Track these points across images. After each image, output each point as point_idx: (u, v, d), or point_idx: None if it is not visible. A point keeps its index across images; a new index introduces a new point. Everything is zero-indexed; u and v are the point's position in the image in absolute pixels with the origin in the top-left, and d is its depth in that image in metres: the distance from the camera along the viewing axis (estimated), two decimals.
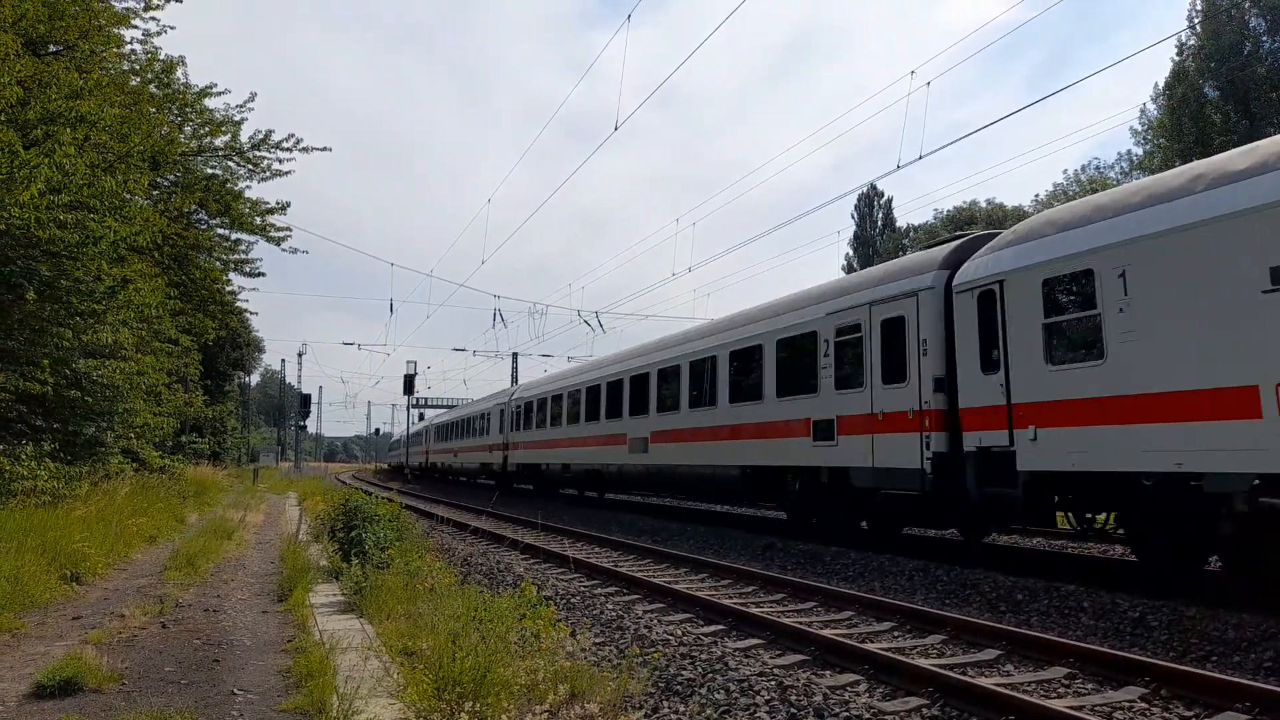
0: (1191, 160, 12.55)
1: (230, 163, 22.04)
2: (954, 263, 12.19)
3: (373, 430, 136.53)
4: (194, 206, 21.35)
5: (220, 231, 23.91)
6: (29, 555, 9.13)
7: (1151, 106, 41.14)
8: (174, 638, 7.26)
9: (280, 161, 22.18)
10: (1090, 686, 6.41)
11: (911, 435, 12.21)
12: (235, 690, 5.64)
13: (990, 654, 7.31)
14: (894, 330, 12.83)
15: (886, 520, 14.26)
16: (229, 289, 27.34)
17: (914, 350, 12.39)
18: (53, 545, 9.91)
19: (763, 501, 20.32)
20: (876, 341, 13.12)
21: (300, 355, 74.23)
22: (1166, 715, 5.78)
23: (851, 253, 64.37)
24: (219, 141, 21.47)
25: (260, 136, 21.75)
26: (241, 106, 21.33)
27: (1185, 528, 9.31)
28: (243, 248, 24.89)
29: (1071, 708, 5.74)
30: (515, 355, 60.88)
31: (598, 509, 25.28)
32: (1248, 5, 34.95)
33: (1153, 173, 33.22)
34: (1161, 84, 38.78)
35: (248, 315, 34.27)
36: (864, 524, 14.58)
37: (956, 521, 13.33)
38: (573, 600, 9.63)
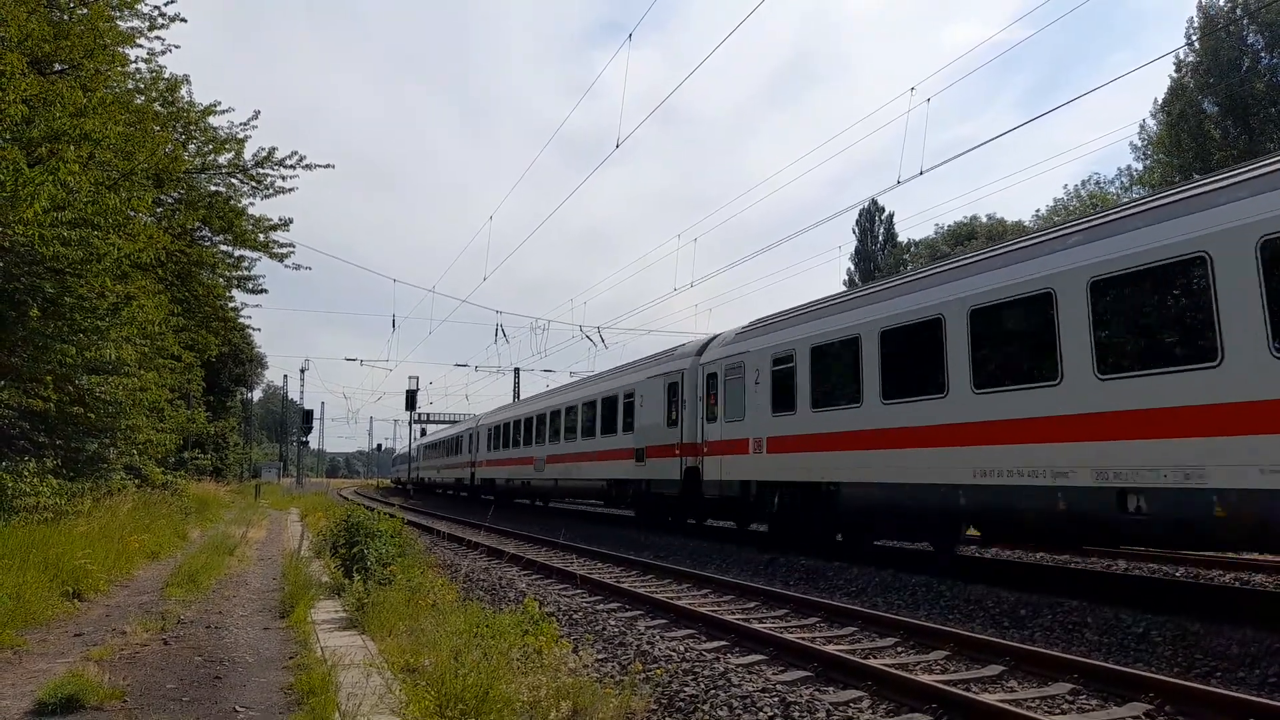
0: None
1: (234, 180, 22.13)
2: None
3: (375, 446, 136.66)
4: (197, 223, 21.43)
5: (223, 248, 23.96)
6: (31, 572, 9.12)
7: (1151, 122, 41.33)
8: (176, 655, 7.24)
9: (283, 179, 22.27)
10: (1094, 703, 6.38)
11: None
12: (237, 707, 5.62)
13: (994, 670, 7.29)
14: None
15: None
16: (232, 305, 27.43)
17: None
18: (55, 562, 9.90)
19: None
20: None
21: (303, 371, 74.50)
22: None
23: (853, 268, 64.49)
24: (222, 159, 21.57)
25: (264, 154, 21.86)
26: (245, 124, 21.45)
27: None
28: (246, 264, 24.95)
29: None
30: (517, 370, 60.88)
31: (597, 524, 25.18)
32: (1246, 21, 35.14)
33: (1153, 187, 33.37)
34: (1160, 100, 38.99)
35: (250, 331, 34.34)
36: None
37: None
38: (575, 616, 9.61)
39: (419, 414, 68.46)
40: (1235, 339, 8.33)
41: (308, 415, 71.22)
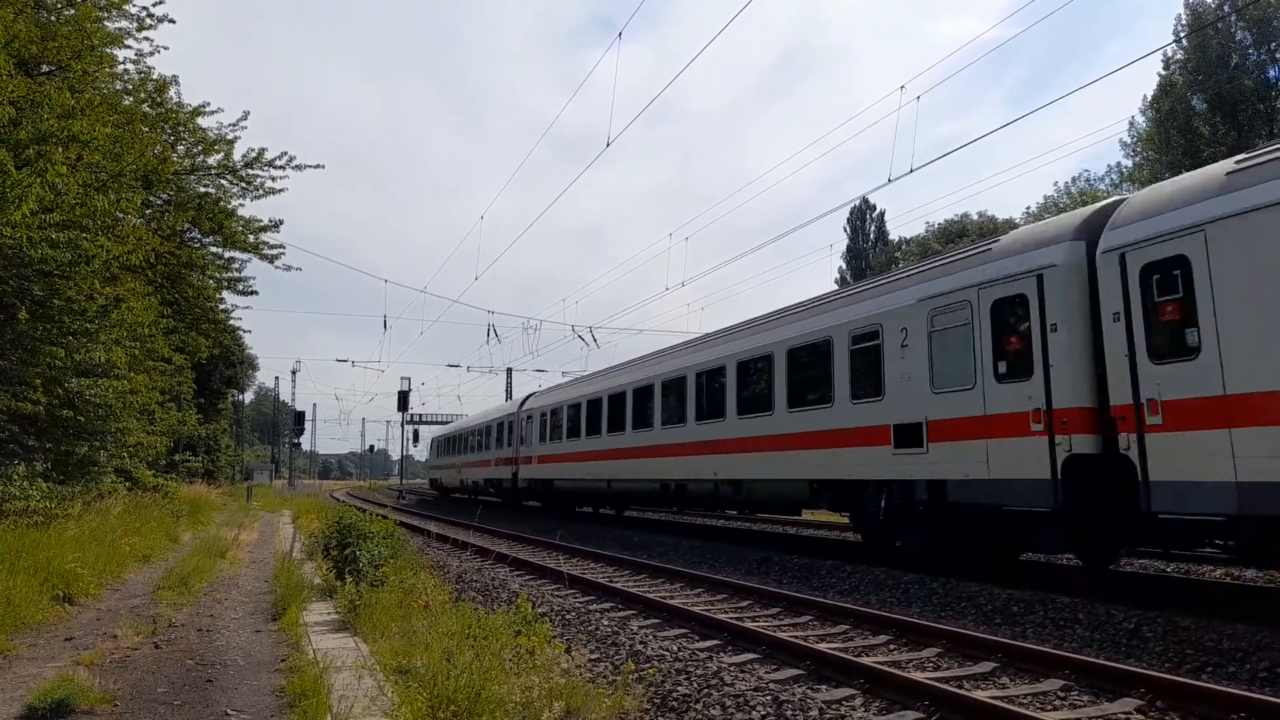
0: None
1: (223, 181, 22.09)
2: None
3: (367, 447, 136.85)
4: (187, 225, 21.39)
5: (213, 250, 23.94)
6: (21, 576, 9.07)
7: (1140, 119, 41.48)
8: (167, 658, 7.22)
9: (273, 179, 22.25)
10: (1086, 698, 6.40)
11: None
12: (229, 710, 5.60)
13: (986, 666, 7.30)
14: None
15: None
16: (222, 307, 27.37)
17: None
18: (45, 566, 9.85)
19: None
20: None
21: (294, 372, 74.20)
22: None
23: (845, 266, 64.55)
24: (212, 160, 21.51)
25: (253, 155, 21.80)
26: (234, 125, 21.40)
27: None
28: (236, 266, 24.88)
29: None
30: (510, 370, 60.85)
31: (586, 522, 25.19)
32: (1234, 18, 35.29)
33: (1143, 184, 33.49)
34: (1149, 97, 39.12)
35: (241, 333, 34.21)
36: None
37: None
38: (568, 616, 9.60)
39: (411, 415, 68.35)
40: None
41: (299, 417, 71.13)
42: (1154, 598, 9.49)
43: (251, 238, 23.07)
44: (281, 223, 23.27)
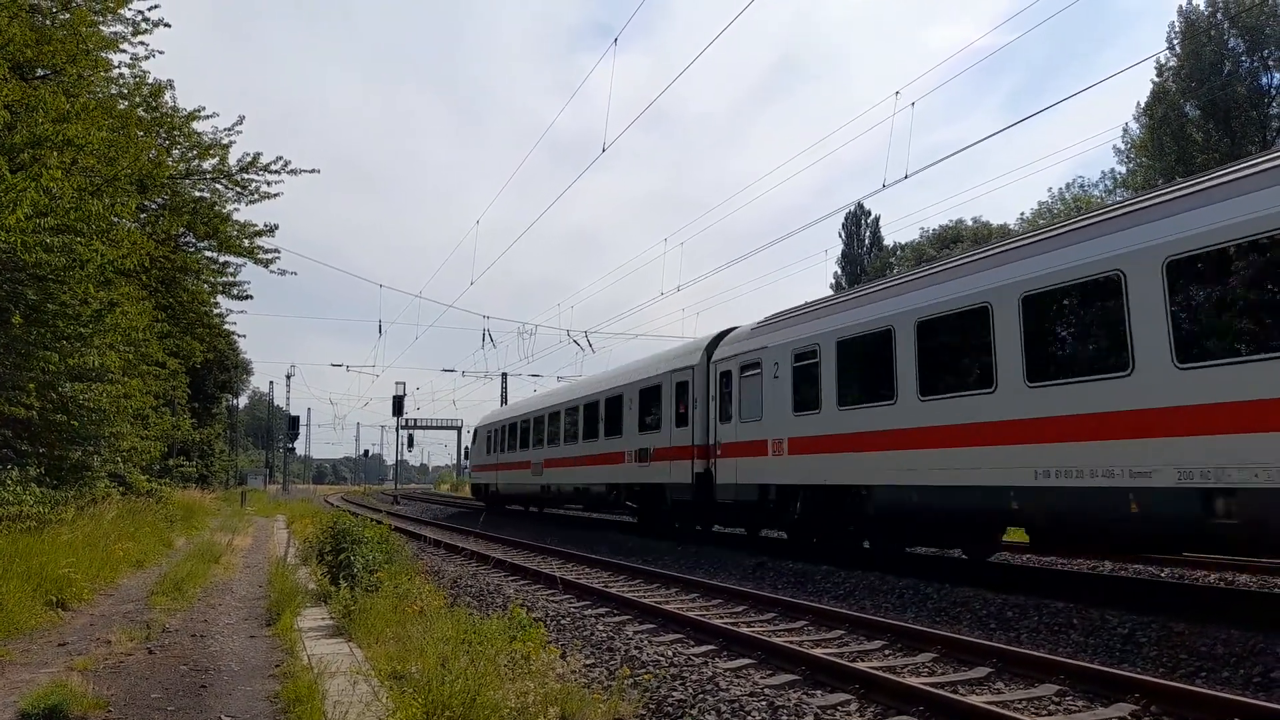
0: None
1: (218, 185, 22.07)
2: None
3: (362, 452, 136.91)
4: (182, 229, 21.35)
5: (208, 254, 23.91)
6: (14, 581, 9.03)
7: (1134, 125, 41.61)
8: (161, 664, 7.19)
9: (268, 184, 22.21)
10: (1081, 704, 6.41)
11: None
12: (223, 716, 5.59)
13: (981, 672, 7.31)
14: None
15: None
16: (217, 311, 27.31)
17: None
18: (38, 571, 9.80)
19: None
20: None
21: (288, 377, 73.99)
22: None
23: (840, 271, 64.66)
24: (207, 164, 21.48)
25: (249, 159, 21.78)
26: (230, 129, 21.38)
27: None
28: (231, 270, 24.84)
29: None
30: (505, 375, 60.83)
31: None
32: (1226, 25, 35.48)
33: (1137, 190, 33.66)
34: (1143, 103, 39.27)
35: (235, 337, 34.02)
36: None
37: None
38: (563, 621, 9.59)
39: (406, 419, 68.32)
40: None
41: (293, 421, 70.98)
42: (1148, 602, 9.51)
43: (246, 242, 23.04)
44: (277, 227, 23.23)
